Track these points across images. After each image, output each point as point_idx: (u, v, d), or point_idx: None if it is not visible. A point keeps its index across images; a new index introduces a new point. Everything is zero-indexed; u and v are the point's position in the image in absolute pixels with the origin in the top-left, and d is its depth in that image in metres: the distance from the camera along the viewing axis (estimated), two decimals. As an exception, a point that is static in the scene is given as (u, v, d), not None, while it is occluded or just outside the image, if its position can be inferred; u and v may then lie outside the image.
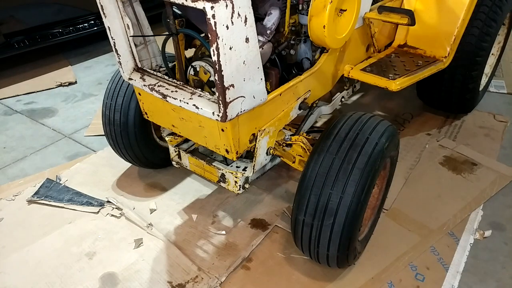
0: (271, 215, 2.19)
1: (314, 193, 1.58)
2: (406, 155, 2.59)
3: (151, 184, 2.45)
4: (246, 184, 1.90)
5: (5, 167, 2.69)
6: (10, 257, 2.01)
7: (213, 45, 1.29)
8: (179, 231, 2.13)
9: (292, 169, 2.29)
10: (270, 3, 1.78)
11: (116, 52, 1.73)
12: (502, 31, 2.96)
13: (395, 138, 1.74)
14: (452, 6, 2.30)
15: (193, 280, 1.86)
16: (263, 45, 1.74)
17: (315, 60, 1.99)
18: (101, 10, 1.62)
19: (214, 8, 1.22)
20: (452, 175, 2.44)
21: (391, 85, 2.08)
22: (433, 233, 2.06)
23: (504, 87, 3.33)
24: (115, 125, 2.16)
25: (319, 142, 1.66)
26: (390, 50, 2.47)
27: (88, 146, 2.86)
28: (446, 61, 2.34)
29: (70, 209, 2.27)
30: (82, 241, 2.08)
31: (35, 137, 2.99)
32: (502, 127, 2.87)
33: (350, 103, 3.19)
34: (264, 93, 1.58)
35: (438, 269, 1.89)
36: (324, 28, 1.70)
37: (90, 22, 4.16)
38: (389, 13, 2.09)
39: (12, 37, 3.70)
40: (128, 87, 2.12)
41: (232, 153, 1.69)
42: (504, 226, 2.12)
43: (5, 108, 3.38)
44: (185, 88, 1.66)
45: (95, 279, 1.88)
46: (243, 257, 1.96)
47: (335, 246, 1.62)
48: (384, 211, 2.16)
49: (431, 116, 2.98)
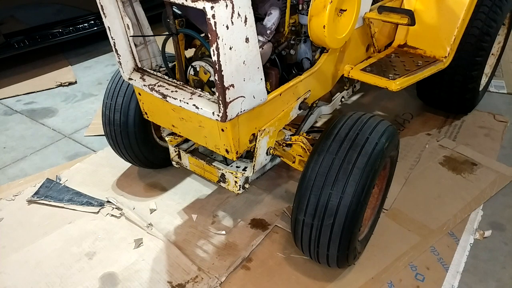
0: (271, 215, 2.20)
1: (314, 193, 1.58)
2: (406, 155, 2.59)
3: (151, 184, 2.45)
4: (246, 184, 1.90)
5: (5, 167, 2.69)
6: (10, 257, 2.01)
7: (213, 45, 1.29)
8: (179, 231, 2.13)
9: (292, 169, 2.29)
10: (270, 3, 1.78)
11: (116, 52, 1.73)
12: (502, 31, 2.95)
13: (395, 138, 1.74)
14: (452, 6, 2.30)
15: (193, 280, 1.86)
16: (263, 45, 1.74)
17: (315, 60, 1.99)
18: (101, 10, 1.62)
19: (214, 8, 1.22)
20: (452, 175, 2.44)
21: (391, 85, 2.08)
22: (433, 233, 2.06)
23: (504, 87, 3.33)
24: (115, 125, 2.16)
25: (319, 142, 1.66)
26: (390, 50, 2.47)
27: (88, 146, 2.86)
28: (446, 61, 2.34)
29: (70, 209, 2.27)
30: (82, 241, 2.08)
31: (35, 137, 2.99)
32: (502, 127, 2.87)
33: (350, 103, 3.18)
34: (264, 93, 1.58)
35: (438, 269, 1.89)
36: (324, 28, 1.70)
37: (90, 22, 4.16)
38: (389, 13, 2.09)
39: (12, 37, 3.70)
40: (128, 87, 2.12)
41: (232, 153, 1.69)
42: (504, 226, 2.12)
43: (5, 108, 3.38)
44: (185, 88, 1.66)
45: (95, 279, 1.88)
46: (243, 257, 1.96)
47: (335, 246, 1.62)
48: (384, 211, 2.16)
49: (431, 116, 2.98)
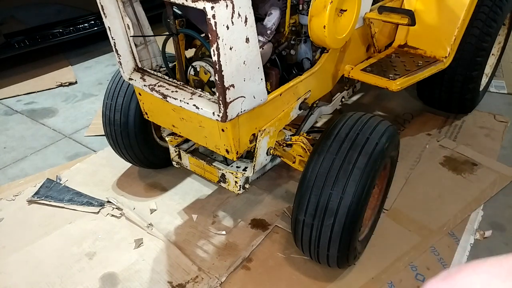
0: (271, 215, 2.19)
1: (315, 193, 1.58)
2: (406, 155, 2.59)
3: (151, 184, 2.45)
4: (246, 184, 1.90)
5: (5, 167, 2.69)
6: (10, 257, 2.01)
7: (213, 45, 1.29)
8: (179, 231, 2.13)
9: (292, 169, 2.29)
10: (270, 3, 1.78)
11: (117, 52, 1.73)
12: (502, 31, 2.95)
13: (396, 138, 1.74)
14: (452, 6, 2.30)
15: (193, 280, 1.86)
16: (263, 45, 1.74)
17: (315, 60, 1.99)
18: (102, 10, 1.62)
19: (214, 8, 1.22)
20: (453, 175, 2.44)
21: (392, 85, 2.08)
22: (434, 233, 2.06)
23: (504, 87, 3.33)
24: (115, 125, 2.16)
25: (319, 142, 1.66)
26: (391, 50, 2.47)
27: (88, 146, 2.86)
28: (446, 61, 2.34)
29: (70, 209, 2.27)
30: (82, 241, 2.08)
31: (36, 137, 2.99)
32: (503, 127, 2.87)
33: (350, 103, 3.18)
34: (264, 93, 1.58)
35: (438, 269, 1.89)
36: (324, 28, 1.70)
37: (91, 22, 4.16)
38: (389, 13, 2.09)
39: (12, 37, 3.70)
40: (128, 87, 2.12)
41: (232, 153, 1.69)
42: (504, 226, 2.12)
43: (5, 108, 3.38)
44: (185, 88, 1.66)
45: (95, 279, 1.88)
46: (243, 257, 1.96)
47: (335, 246, 1.62)
48: (385, 211, 2.16)
49: (431, 116, 2.98)
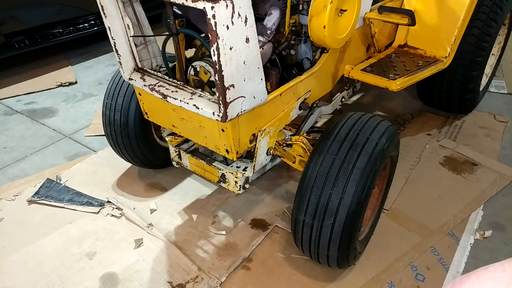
0: (271, 215, 2.19)
1: (315, 193, 1.58)
2: (406, 155, 2.59)
3: (151, 184, 2.45)
4: (246, 184, 1.90)
5: (5, 167, 2.69)
6: (10, 257, 2.01)
7: (213, 45, 1.29)
8: (179, 231, 2.13)
9: (292, 169, 2.29)
10: (270, 3, 1.78)
11: (117, 52, 1.73)
12: (502, 31, 2.95)
13: (396, 138, 1.74)
14: (452, 6, 2.30)
15: (193, 280, 1.86)
16: (263, 45, 1.74)
17: (315, 60, 1.99)
18: (102, 10, 1.62)
19: (215, 8, 1.22)
20: (453, 175, 2.44)
21: (392, 85, 2.08)
22: (434, 233, 2.06)
23: (504, 87, 3.33)
24: (115, 125, 2.16)
25: (319, 142, 1.66)
26: (391, 50, 2.47)
27: (88, 146, 2.86)
28: (446, 61, 2.34)
29: (71, 209, 2.27)
30: (82, 241, 2.08)
31: (36, 137, 2.98)
32: (503, 127, 2.87)
33: (350, 103, 3.18)
34: (264, 93, 1.58)
35: (438, 269, 1.89)
36: (324, 28, 1.70)
37: (91, 22, 4.16)
38: (389, 13, 2.09)
39: (12, 37, 3.70)
40: (128, 87, 2.12)
41: (232, 153, 1.69)
42: (504, 226, 2.12)
43: (5, 108, 3.38)
44: (185, 88, 1.66)
45: (95, 279, 1.88)
46: (243, 257, 1.96)
47: (335, 246, 1.62)
48: (385, 211, 2.16)
49: (431, 116, 2.98)
